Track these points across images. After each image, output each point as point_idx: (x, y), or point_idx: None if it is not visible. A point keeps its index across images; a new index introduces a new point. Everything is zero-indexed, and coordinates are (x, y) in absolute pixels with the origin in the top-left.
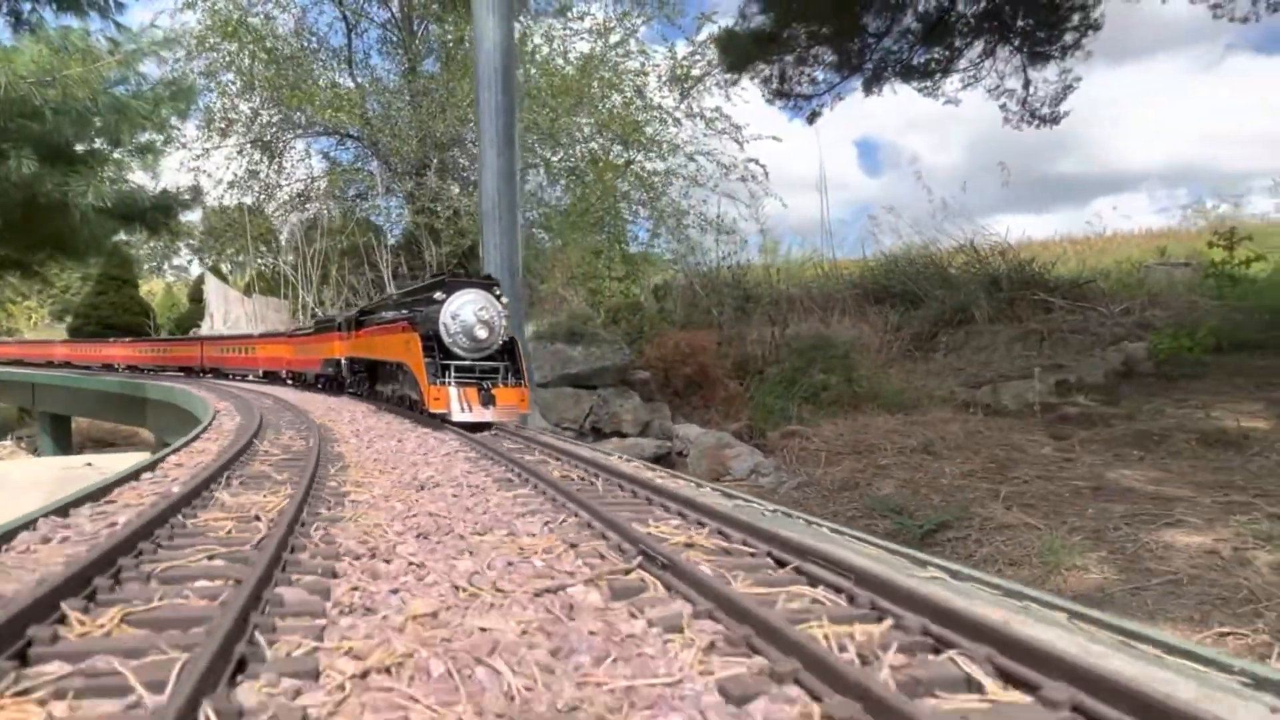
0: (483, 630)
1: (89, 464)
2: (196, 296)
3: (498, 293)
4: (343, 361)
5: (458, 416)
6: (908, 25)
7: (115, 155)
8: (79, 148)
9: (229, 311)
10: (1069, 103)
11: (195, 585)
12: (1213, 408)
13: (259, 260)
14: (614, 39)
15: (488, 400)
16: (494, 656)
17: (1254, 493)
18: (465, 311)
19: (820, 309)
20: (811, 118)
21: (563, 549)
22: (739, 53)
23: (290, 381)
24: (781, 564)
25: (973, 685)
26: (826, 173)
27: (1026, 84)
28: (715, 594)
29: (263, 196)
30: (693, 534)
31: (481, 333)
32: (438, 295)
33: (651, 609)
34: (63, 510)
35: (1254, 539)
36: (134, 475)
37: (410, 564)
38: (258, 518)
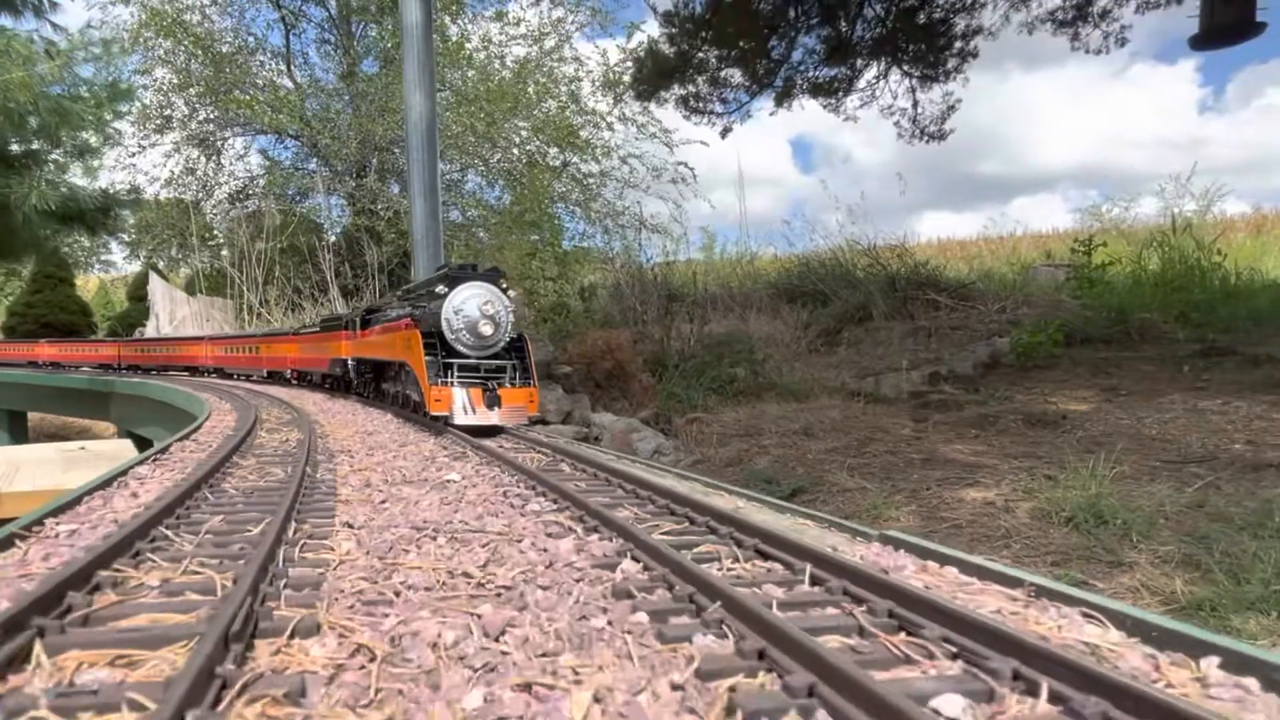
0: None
1: (82, 448)
2: (137, 295)
3: (504, 286)
4: (349, 362)
5: (460, 419)
6: (812, 46)
7: (53, 156)
8: (15, 148)
9: (174, 311)
10: (953, 121)
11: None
12: (1051, 394)
13: (198, 259)
14: (549, 44)
15: (493, 401)
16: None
17: (1044, 460)
18: (469, 306)
19: (740, 307)
20: (724, 133)
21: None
22: (651, 80)
23: (295, 381)
24: (635, 493)
25: (739, 559)
26: (762, 170)
27: (915, 104)
28: (572, 498)
29: (201, 194)
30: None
31: (486, 329)
32: (440, 289)
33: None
34: (165, 449)
35: (1022, 493)
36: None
37: None
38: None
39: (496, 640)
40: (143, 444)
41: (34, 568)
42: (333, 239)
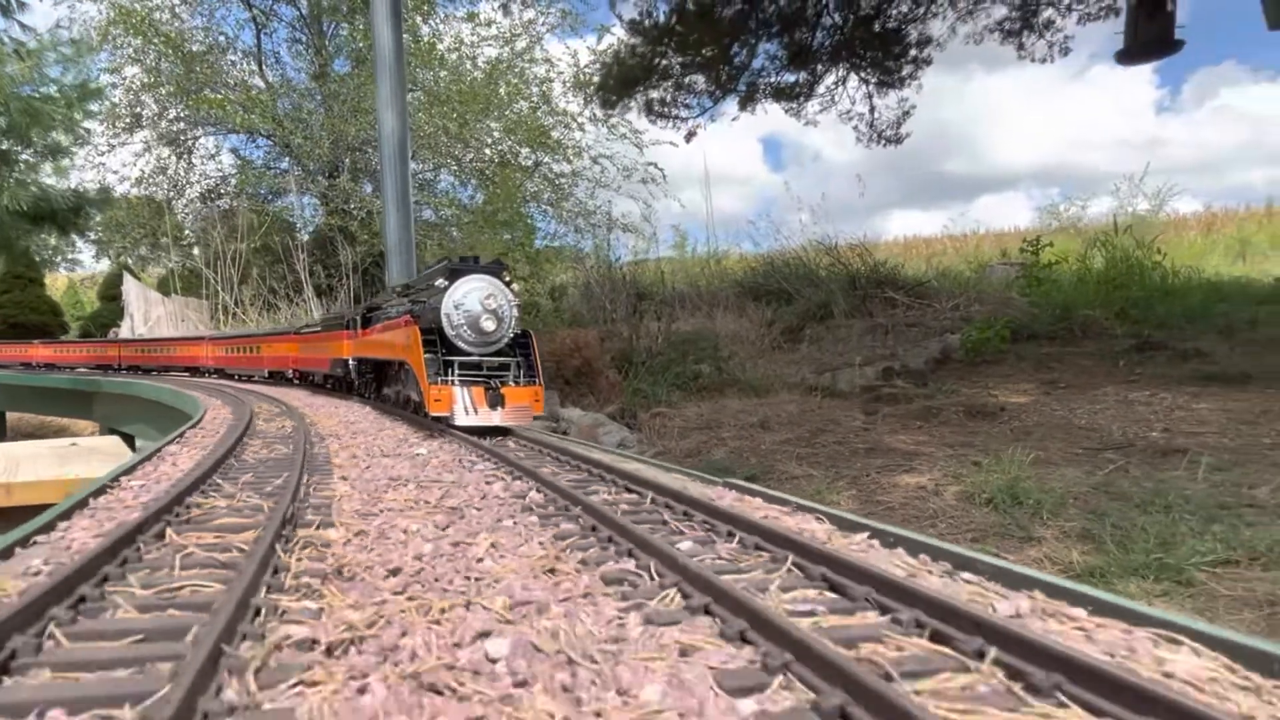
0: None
1: (73, 443)
2: (108, 295)
3: (508, 279)
4: (350, 362)
5: (461, 420)
6: (774, 53)
7: (23, 156)
8: None
9: (149, 312)
10: (911, 124)
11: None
12: (995, 387)
13: (171, 258)
14: (520, 45)
15: (496, 401)
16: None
17: (977, 449)
18: (470, 300)
19: (708, 305)
20: (689, 136)
21: None
22: (616, 89)
23: (297, 381)
24: (557, 459)
25: (611, 491)
26: (733, 169)
27: (872, 109)
28: (509, 461)
29: (172, 193)
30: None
31: (489, 324)
32: (439, 283)
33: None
34: (181, 435)
35: (951, 478)
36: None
37: None
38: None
39: (444, 530)
40: (129, 441)
41: (138, 501)
42: (306, 239)
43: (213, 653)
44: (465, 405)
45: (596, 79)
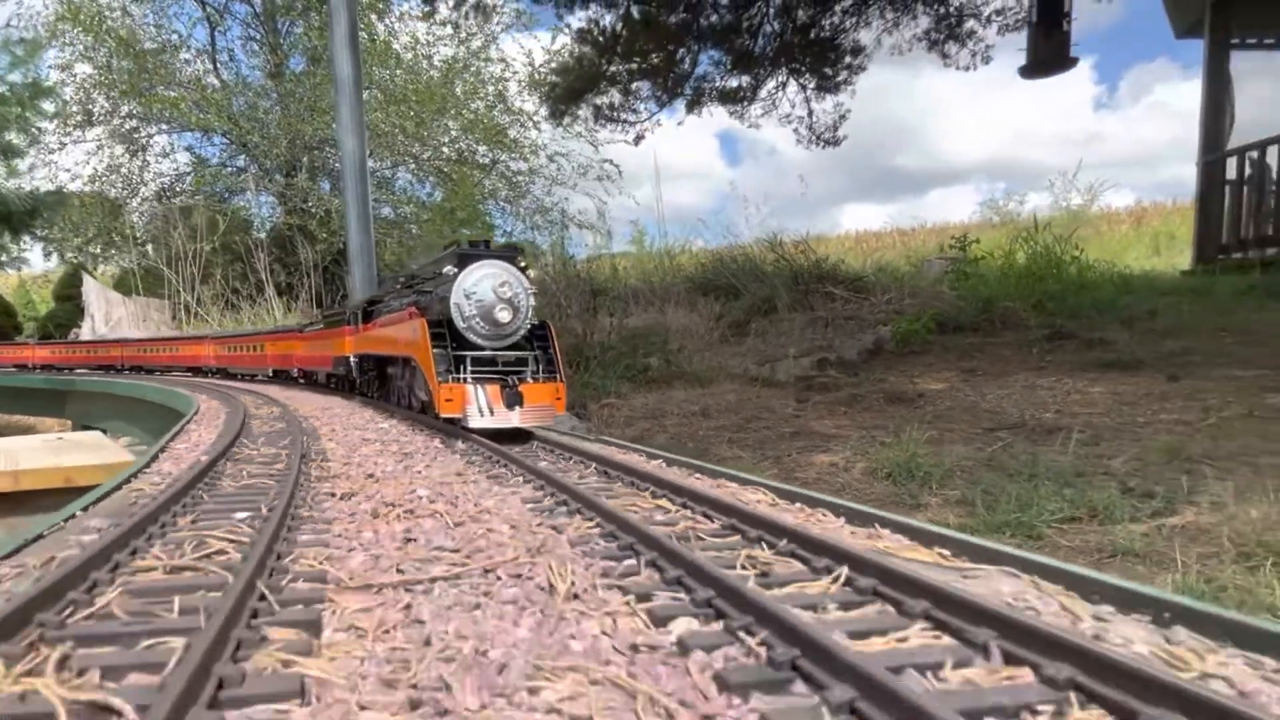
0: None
1: (60, 437)
2: (63, 295)
3: (523, 264)
4: (351, 359)
5: (476, 422)
6: (719, 58)
7: None
8: None
9: (110, 312)
10: (845, 128)
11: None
12: (918, 376)
13: (131, 256)
14: (475, 44)
15: (514, 400)
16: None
17: (889, 431)
18: (483, 289)
19: (660, 300)
20: (637, 140)
21: None
22: (564, 99)
23: (303, 381)
24: (544, 443)
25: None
26: (691, 164)
27: (810, 113)
28: (445, 431)
29: (125, 191)
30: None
31: (504, 315)
32: (448, 270)
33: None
34: (191, 418)
35: (860, 456)
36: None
37: None
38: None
39: (401, 461)
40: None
41: (192, 455)
42: (264, 237)
43: (287, 502)
44: (480, 405)
45: (546, 86)
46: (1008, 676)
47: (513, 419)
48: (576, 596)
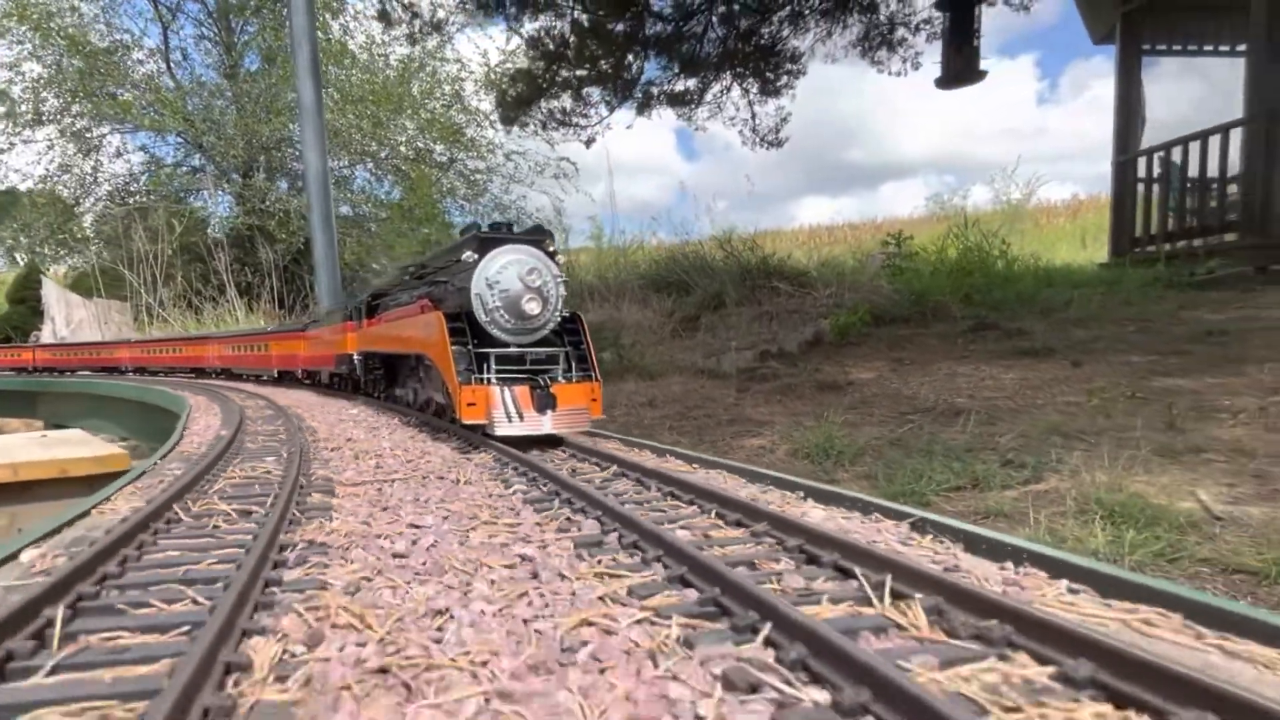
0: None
1: (44, 435)
2: (17, 298)
3: (551, 249)
4: (354, 357)
5: (503, 429)
6: (666, 63)
7: None
8: None
9: (70, 315)
10: (800, 125)
11: (260, 408)
12: (851, 365)
13: (91, 256)
14: (431, 44)
15: (546, 402)
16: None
17: (816, 416)
18: (508, 277)
19: (615, 296)
20: (589, 143)
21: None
22: (514, 107)
23: (308, 381)
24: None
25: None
26: (649, 159)
27: (753, 116)
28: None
29: (78, 191)
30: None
31: (532, 306)
32: (467, 256)
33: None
34: (190, 412)
35: (785, 439)
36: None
37: None
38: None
39: (368, 434)
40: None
41: (205, 435)
42: (222, 236)
43: (300, 450)
44: (508, 410)
45: (499, 93)
46: (815, 576)
47: (544, 424)
48: (470, 483)
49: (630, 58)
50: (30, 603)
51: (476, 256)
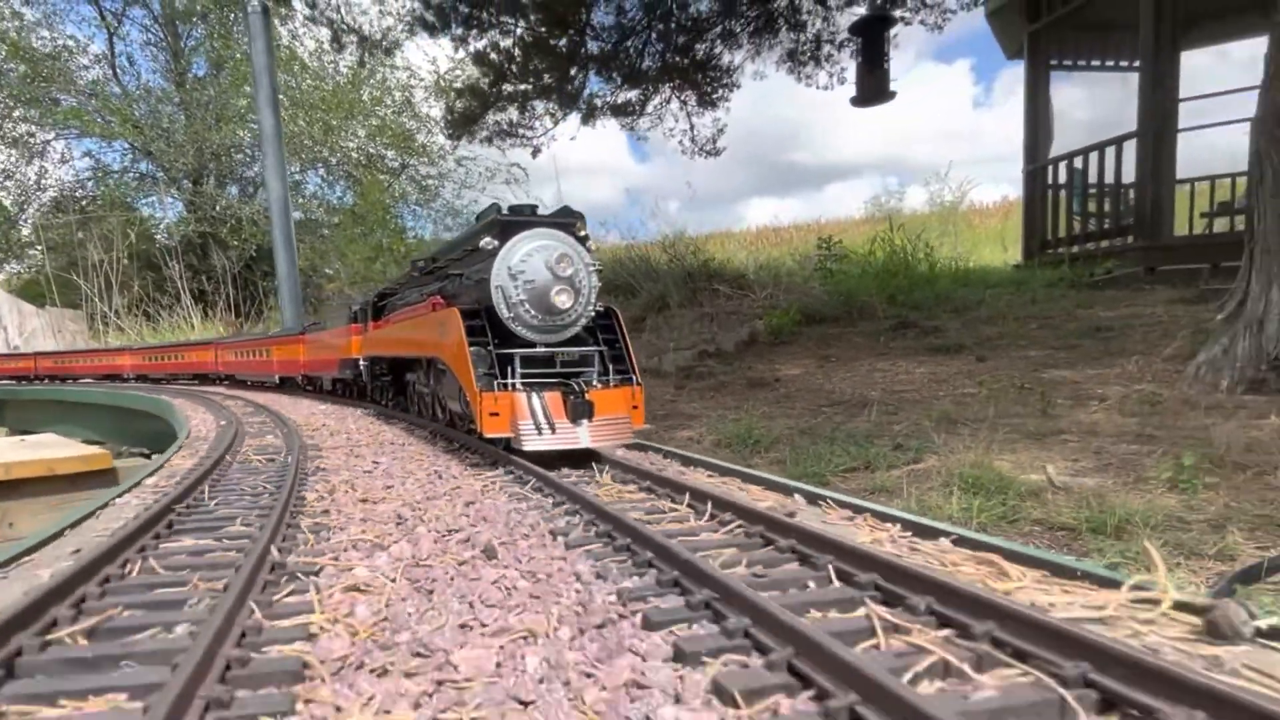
0: None
1: (22, 439)
2: None
3: (582, 232)
4: (360, 362)
5: (533, 444)
6: (609, 75)
7: None
8: None
9: (24, 324)
10: (725, 140)
11: (250, 405)
12: (782, 363)
13: (21, 263)
14: (378, 37)
15: (582, 411)
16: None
17: (742, 410)
18: (534, 266)
19: None
20: (535, 153)
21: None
22: (460, 124)
23: (310, 388)
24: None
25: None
26: (602, 161)
27: (691, 127)
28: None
29: (21, 198)
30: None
31: (563, 299)
32: (486, 243)
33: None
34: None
35: (712, 431)
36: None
37: None
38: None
39: (339, 422)
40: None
41: (219, 424)
42: (175, 243)
43: (291, 429)
44: (538, 421)
45: (447, 110)
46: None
47: (580, 437)
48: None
49: (574, 71)
50: (194, 483)
51: (496, 243)
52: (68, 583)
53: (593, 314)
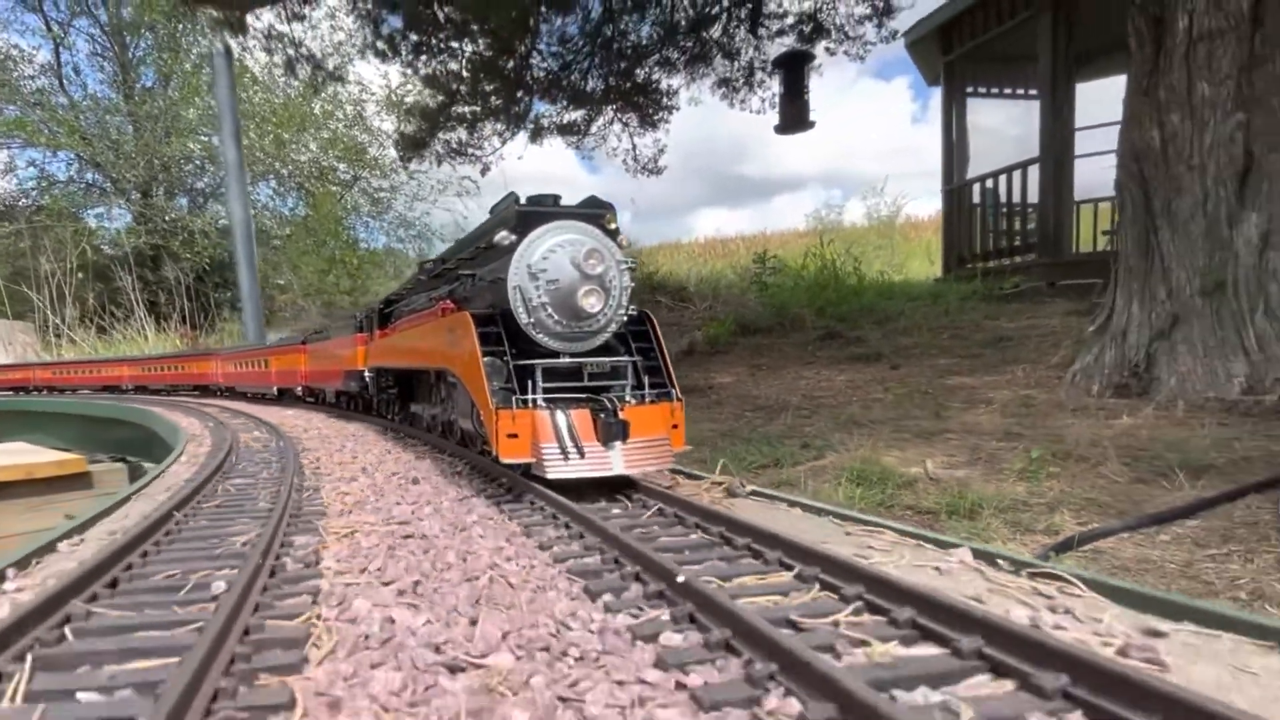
0: None
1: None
2: None
3: (613, 226)
4: (366, 374)
5: (557, 470)
6: (555, 96)
7: None
8: None
9: None
10: (665, 160)
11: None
12: (716, 371)
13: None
14: (332, 65)
15: (615, 432)
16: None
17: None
18: (558, 262)
19: None
20: (484, 171)
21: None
22: (411, 146)
23: (311, 400)
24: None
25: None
26: (557, 173)
27: (634, 146)
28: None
29: None
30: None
31: (591, 301)
32: (502, 238)
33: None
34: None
35: None
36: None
37: None
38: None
39: (326, 420)
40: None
41: (199, 423)
42: (126, 253)
43: (278, 425)
44: (564, 443)
45: (395, 129)
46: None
47: (614, 462)
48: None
49: (520, 94)
50: (214, 473)
51: (514, 238)
52: (203, 483)
53: (624, 319)
